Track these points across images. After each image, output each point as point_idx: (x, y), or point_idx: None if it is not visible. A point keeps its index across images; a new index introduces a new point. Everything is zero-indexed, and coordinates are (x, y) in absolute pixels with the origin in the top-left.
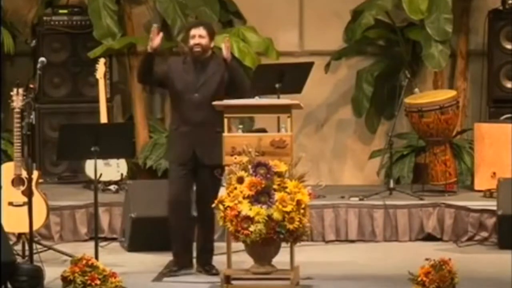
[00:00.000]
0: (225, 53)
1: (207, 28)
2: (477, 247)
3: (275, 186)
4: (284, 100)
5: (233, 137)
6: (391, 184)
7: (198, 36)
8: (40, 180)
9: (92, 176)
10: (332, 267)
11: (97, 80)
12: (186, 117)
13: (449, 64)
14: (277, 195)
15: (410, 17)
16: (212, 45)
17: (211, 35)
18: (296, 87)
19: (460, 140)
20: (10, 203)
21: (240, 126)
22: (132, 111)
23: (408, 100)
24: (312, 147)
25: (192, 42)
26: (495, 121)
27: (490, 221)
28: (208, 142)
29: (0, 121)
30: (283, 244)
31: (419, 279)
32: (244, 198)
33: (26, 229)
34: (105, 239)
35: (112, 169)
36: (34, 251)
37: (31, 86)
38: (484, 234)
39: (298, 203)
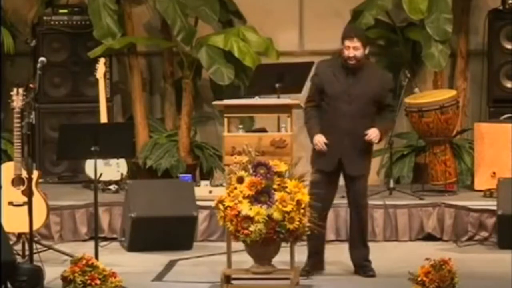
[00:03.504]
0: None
1: (361, 38)
2: (477, 247)
3: (275, 186)
4: (284, 100)
5: (233, 137)
6: (391, 184)
7: (353, 48)
8: (40, 180)
9: (92, 176)
10: (332, 267)
11: (97, 80)
12: (336, 125)
13: (449, 64)
14: (277, 195)
15: (410, 17)
16: (366, 52)
17: (365, 44)
18: (296, 87)
19: (460, 140)
20: (10, 203)
21: (240, 126)
22: (132, 111)
23: (408, 100)
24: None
25: (346, 53)
26: (495, 121)
27: (490, 221)
28: (355, 153)
29: (0, 121)
30: (283, 244)
31: (419, 279)
32: (244, 198)
33: (26, 229)
34: (105, 239)
35: (112, 169)
36: (34, 251)
37: (31, 86)
38: (484, 234)
39: (298, 203)
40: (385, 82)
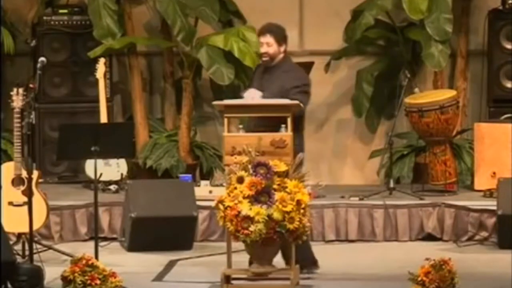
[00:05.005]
0: None
1: (274, 34)
2: (477, 247)
3: (275, 186)
4: (284, 100)
5: (233, 137)
6: (391, 184)
7: (266, 44)
8: (40, 180)
9: (92, 176)
10: (332, 267)
11: (97, 80)
12: (250, 125)
13: (449, 64)
14: (277, 195)
15: (410, 17)
16: (282, 49)
17: (280, 40)
18: None
19: (460, 140)
20: (10, 203)
21: (240, 126)
22: (132, 111)
23: (408, 100)
24: (312, 147)
25: (260, 50)
26: (495, 121)
27: (490, 221)
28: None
29: (0, 121)
30: None
31: (419, 279)
32: (244, 198)
33: (26, 229)
34: (105, 239)
35: (112, 169)
36: (34, 251)
37: (31, 86)
38: (484, 234)
39: (298, 203)
40: (291, 77)
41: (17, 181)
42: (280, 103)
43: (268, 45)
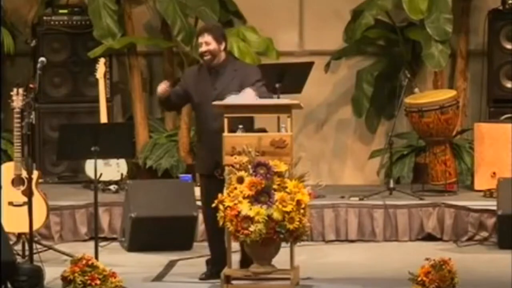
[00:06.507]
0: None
1: (212, 33)
2: (477, 247)
3: (275, 186)
4: (284, 100)
5: (233, 137)
6: (391, 184)
7: (204, 43)
8: (40, 180)
9: (92, 176)
10: (332, 267)
11: (97, 80)
12: (207, 128)
13: (449, 64)
14: (277, 195)
15: (410, 17)
16: (222, 47)
17: (219, 38)
18: (296, 87)
19: (460, 140)
20: (10, 203)
21: (240, 126)
22: (132, 111)
23: (408, 100)
24: (312, 147)
25: (200, 50)
26: (495, 121)
27: (490, 221)
28: None
29: (0, 121)
30: (283, 244)
31: (419, 279)
32: (244, 198)
33: (26, 229)
34: (105, 239)
35: (112, 169)
36: (34, 251)
37: (31, 86)
38: (484, 234)
39: (298, 203)
40: (247, 74)
41: (17, 181)
42: (280, 104)
43: (207, 44)
